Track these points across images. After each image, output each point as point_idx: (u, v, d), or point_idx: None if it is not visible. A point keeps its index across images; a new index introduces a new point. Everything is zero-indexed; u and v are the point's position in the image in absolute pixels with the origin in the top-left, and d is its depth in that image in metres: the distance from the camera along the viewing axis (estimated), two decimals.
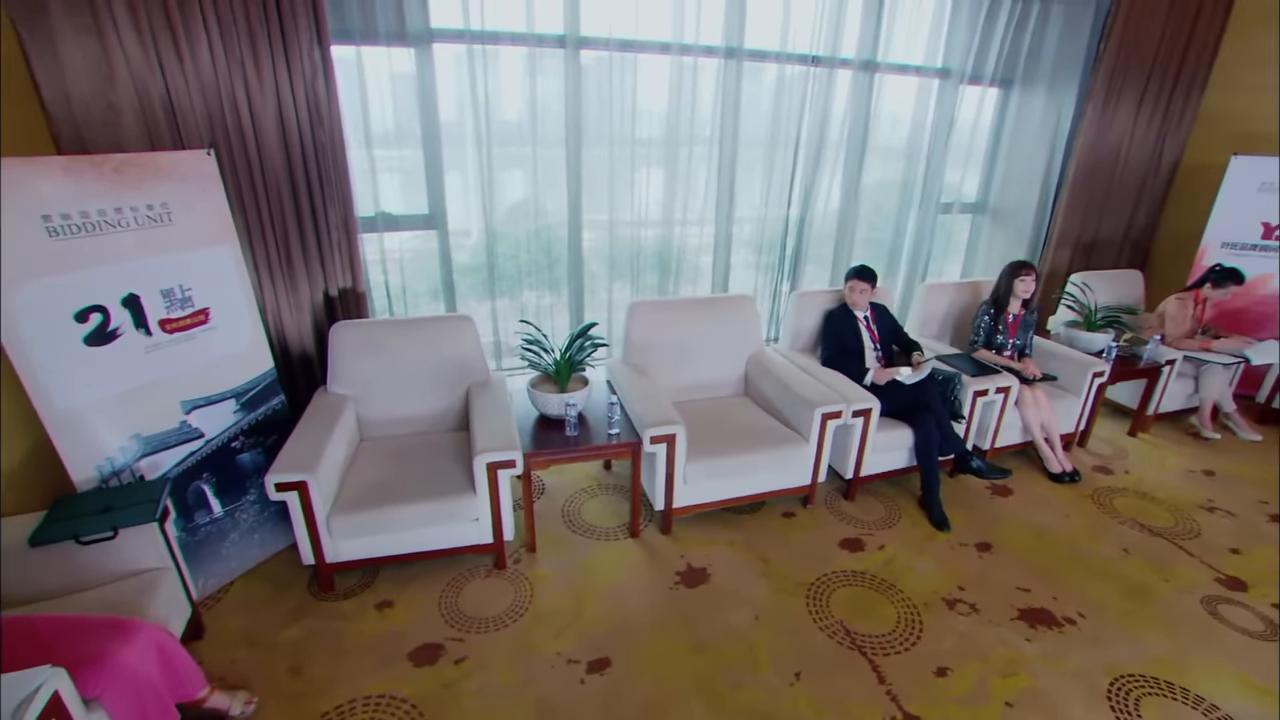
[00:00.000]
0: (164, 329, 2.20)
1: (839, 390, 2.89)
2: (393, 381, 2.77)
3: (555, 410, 2.70)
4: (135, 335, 2.13)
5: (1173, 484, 3.33)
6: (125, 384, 2.11)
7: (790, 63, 3.40)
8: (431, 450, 2.67)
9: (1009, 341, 3.40)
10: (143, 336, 2.15)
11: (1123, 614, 2.41)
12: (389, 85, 2.86)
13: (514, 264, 3.36)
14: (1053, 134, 4.24)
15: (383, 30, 2.72)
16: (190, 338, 2.28)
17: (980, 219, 4.58)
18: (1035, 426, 3.31)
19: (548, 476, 3.26)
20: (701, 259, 3.72)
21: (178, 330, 2.24)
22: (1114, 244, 4.68)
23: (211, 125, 2.43)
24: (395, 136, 2.96)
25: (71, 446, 2.00)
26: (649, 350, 3.11)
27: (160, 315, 2.18)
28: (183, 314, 2.25)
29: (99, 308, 2.03)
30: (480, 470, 2.36)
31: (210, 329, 2.34)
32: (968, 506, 3.06)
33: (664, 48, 3.14)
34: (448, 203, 3.16)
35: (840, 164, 3.78)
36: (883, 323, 3.25)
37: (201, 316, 2.31)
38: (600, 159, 3.26)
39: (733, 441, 2.76)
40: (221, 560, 2.43)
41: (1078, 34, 4.01)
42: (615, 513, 2.97)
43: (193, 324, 2.28)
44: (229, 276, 2.41)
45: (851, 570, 2.61)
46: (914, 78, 3.80)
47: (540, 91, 3.06)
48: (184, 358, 2.26)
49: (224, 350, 2.40)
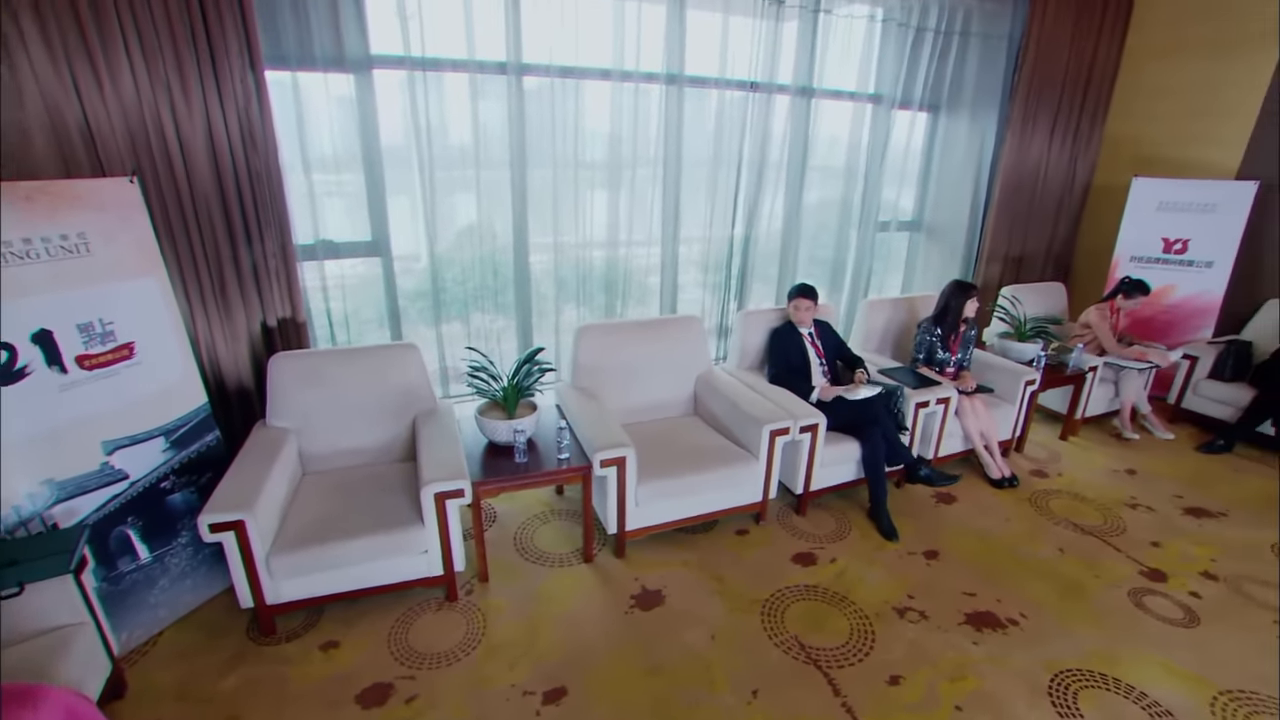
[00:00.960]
0: (82, 366, 2.07)
1: (786, 407, 2.95)
2: (336, 413, 2.69)
3: (504, 437, 2.67)
4: (47, 373, 2.00)
5: (1100, 484, 3.52)
6: (35, 426, 1.97)
7: (730, 88, 3.51)
8: (377, 482, 2.59)
9: (951, 358, 3.54)
10: (56, 374, 2.02)
11: (1060, 611, 2.52)
12: (329, 110, 2.83)
13: (462, 289, 3.33)
14: (979, 156, 4.49)
15: (320, 56, 2.69)
16: (112, 374, 2.16)
17: (917, 236, 4.79)
18: (975, 435, 3.46)
19: (499, 504, 3.20)
20: (650, 279, 3.77)
21: (98, 366, 2.12)
22: (1039, 258, 4.97)
23: (135, 151, 2.34)
24: (336, 162, 2.91)
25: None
26: (598, 373, 3.12)
27: (77, 351, 2.06)
28: (103, 349, 2.13)
29: (4, 345, 1.90)
30: (428, 501, 2.30)
31: (135, 364, 2.22)
32: (915, 516, 3.15)
33: (605, 74, 3.20)
34: (392, 229, 3.12)
35: (782, 184, 3.90)
36: (827, 339, 3.35)
37: (125, 351, 2.19)
38: (546, 182, 3.28)
39: (683, 461, 2.78)
40: (149, 609, 2.29)
41: (995, 65, 4.28)
42: (568, 538, 2.94)
43: (115, 359, 2.16)
44: (156, 308, 2.30)
45: (805, 584, 2.65)
46: (848, 102, 3.98)
47: (484, 116, 3.08)
48: (105, 395, 2.14)
49: (151, 386, 2.28)
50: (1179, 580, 2.73)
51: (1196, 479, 3.59)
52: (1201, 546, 2.97)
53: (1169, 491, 3.45)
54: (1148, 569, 2.80)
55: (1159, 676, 2.21)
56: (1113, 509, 3.26)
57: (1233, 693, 2.15)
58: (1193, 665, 2.27)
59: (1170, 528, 3.12)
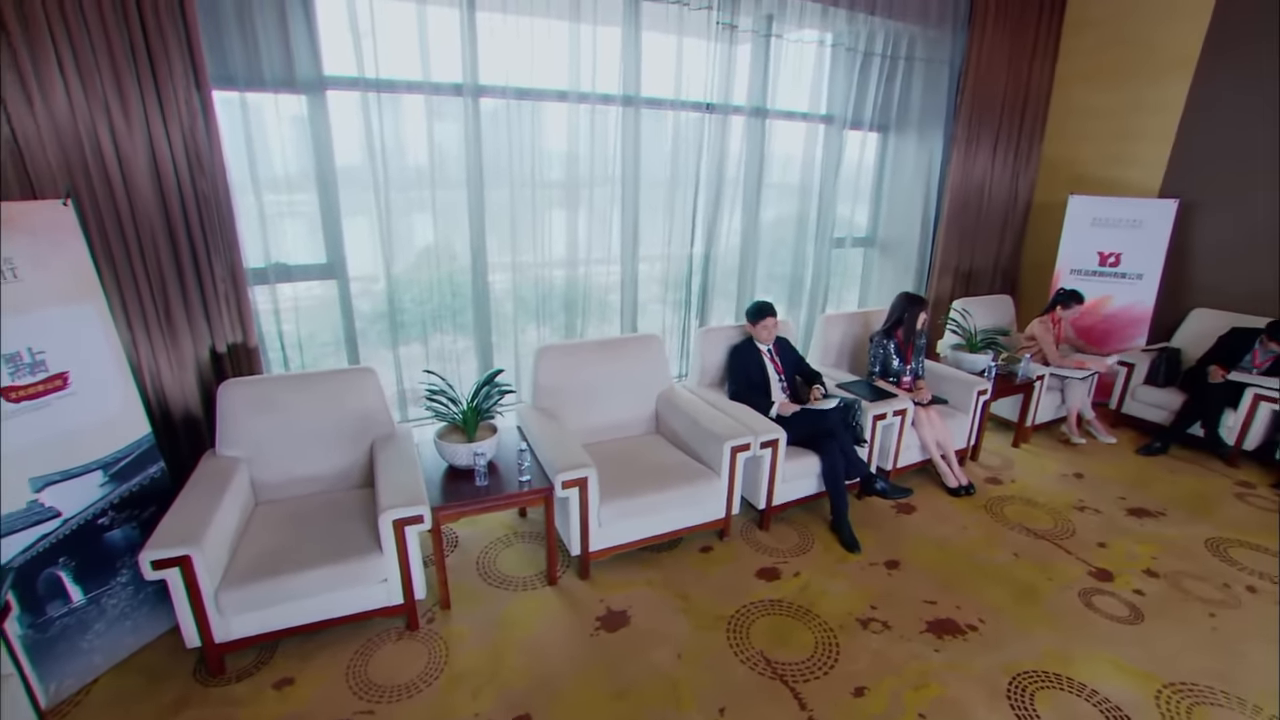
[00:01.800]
0: (9, 398, 1.96)
1: (747, 423, 2.98)
2: (290, 440, 2.61)
3: (464, 460, 2.62)
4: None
5: (1051, 488, 3.65)
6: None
7: (686, 109, 3.58)
8: (334, 510, 2.51)
9: (905, 367, 3.64)
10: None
11: (1016, 615, 2.59)
12: (281, 131, 2.78)
13: (420, 310, 3.29)
14: (927, 174, 4.67)
15: (270, 77, 2.64)
16: (43, 406, 2.05)
17: (871, 252, 4.94)
18: (931, 445, 3.55)
19: (460, 529, 3.14)
20: (610, 298, 3.79)
21: (27, 398, 2.01)
22: (987, 272, 5.18)
23: (70, 172, 2.25)
24: (289, 184, 2.86)
25: None
26: (558, 394, 3.10)
27: (3, 383, 1.95)
28: (33, 380, 2.02)
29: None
30: (386, 528, 2.24)
31: (70, 395, 2.12)
32: (876, 526, 3.21)
33: (561, 95, 3.23)
34: (349, 250, 3.06)
35: (739, 202, 3.98)
36: (786, 355, 3.41)
37: (58, 382, 2.09)
38: (504, 202, 3.27)
39: (646, 480, 2.78)
40: (82, 655, 2.15)
41: (939, 88, 4.48)
42: (532, 561, 2.89)
43: (47, 390, 2.06)
44: (93, 336, 2.20)
45: (769, 599, 2.66)
46: (801, 123, 4.10)
47: (441, 137, 3.07)
48: (35, 428, 2.03)
49: (87, 417, 2.18)
50: (1124, 579, 2.84)
51: (1137, 480, 3.75)
52: (1144, 545, 3.10)
53: (1113, 493, 3.60)
54: (1096, 569, 2.90)
55: (1108, 673, 2.29)
56: (1063, 512, 3.38)
57: (1175, 685, 2.25)
58: (1139, 661, 2.36)
59: (1115, 528, 3.25)
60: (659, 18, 3.34)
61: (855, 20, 3.96)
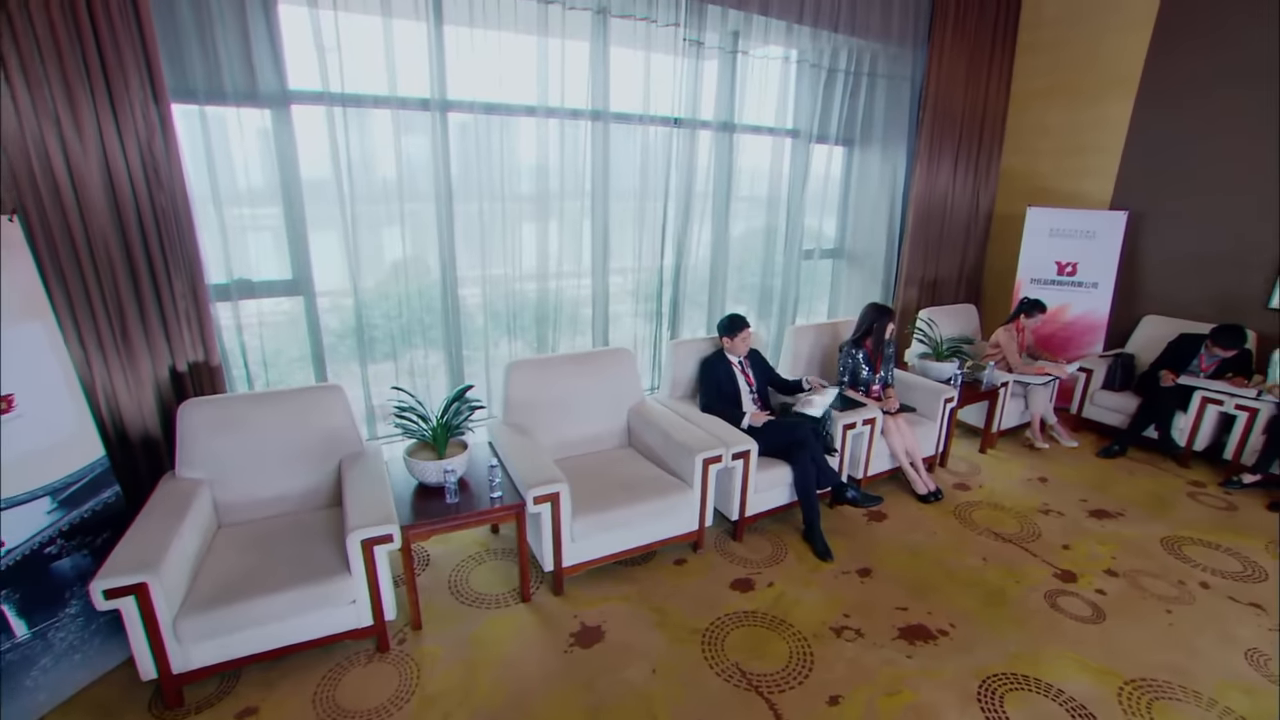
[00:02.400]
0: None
1: (718, 435, 2.99)
2: (254, 460, 2.54)
3: (434, 478, 2.59)
4: None
5: (1017, 493, 3.73)
6: None
7: (654, 124, 3.61)
8: (301, 531, 2.45)
9: (875, 376, 3.71)
10: None
11: (985, 619, 2.64)
12: (244, 146, 2.72)
13: (390, 325, 3.24)
14: (892, 187, 4.79)
15: (231, 91, 2.60)
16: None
17: (840, 263, 5.03)
18: (900, 453, 3.61)
19: (431, 547, 3.09)
20: (582, 311, 3.78)
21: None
22: (952, 282, 5.31)
23: (18, 186, 2.18)
24: (252, 199, 2.80)
25: None
26: (530, 409, 3.08)
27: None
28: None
29: None
30: (354, 548, 2.19)
31: (16, 418, 2.03)
32: (849, 535, 3.24)
33: (530, 110, 3.24)
34: (316, 265, 3.01)
35: (708, 214, 4.03)
36: (757, 367, 3.44)
37: (2, 405, 2.00)
38: (474, 215, 3.25)
39: (619, 494, 2.77)
40: (25, 694, 2.04)
41: (901, 103, 4.61)
42: (505, 578, 2.85)
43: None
44: (42, 356, 2.13)
45: (744, 610, 2.67)
46: (768, 137, 4.17)
47: (409, 151, 3.04)
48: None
49: (36, 441, 2.09)
50: (1087, 579, 2.91)
51: (1098, 482, 3.87)
52: (1104, 545, 3.19)
53: (1076, 496, 3.70)
54: (1060, 570, 2.97)
55: (1073, 672, 2.35)
56: (1028, 516, 3.47)
57: (1135, 681, 2.31)
58: (1101, 659, 2.42)
59: (1078, 530, 3.34)
60: (626, 33, 3.38)
61: (819, 37, 4.06)
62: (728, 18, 3.65)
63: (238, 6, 2.54)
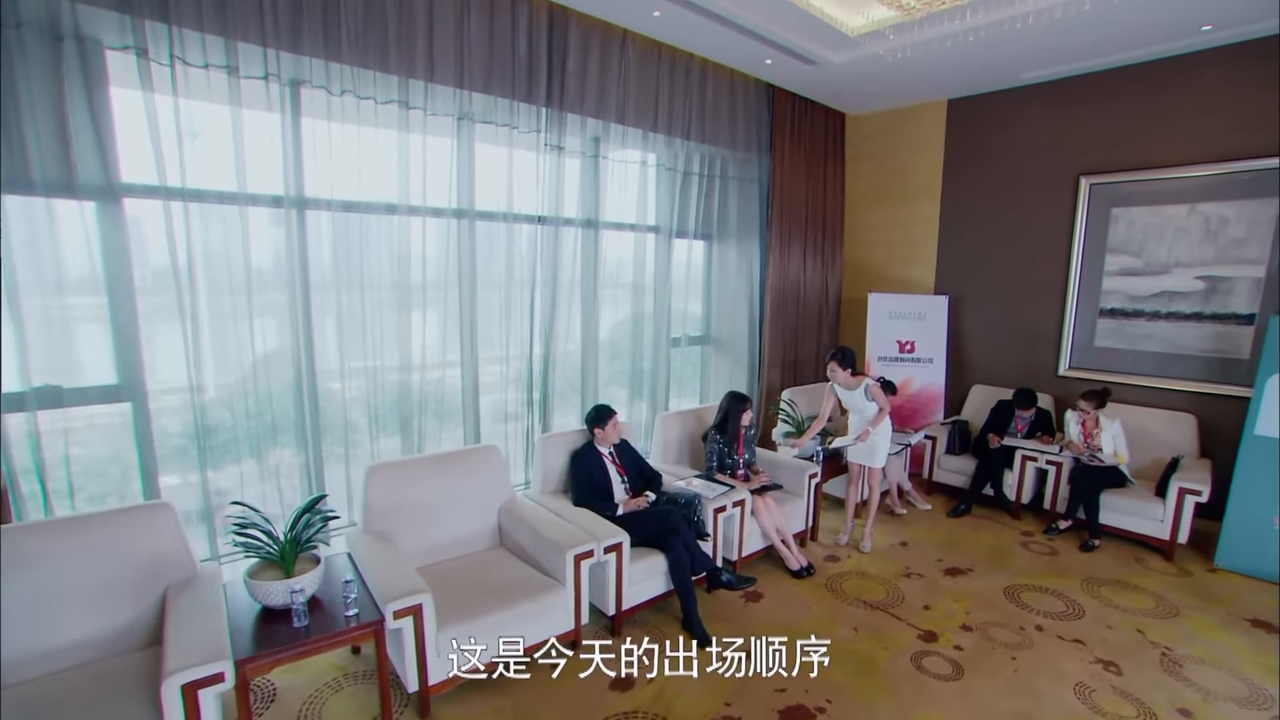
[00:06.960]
0: None
1: (589, 529, 2.96)
2: (41, 605, 2.14)
3: (279, 600, 2.32)
4: None
5: (882, 559, 3.96)
6: None
7: (519, 222, 3.72)
8: (101, 685, 2.07)
9: (739, 460, 3.87)
10: None
11: (859, 690, 2.71)
12: (56, 239, 2.46)
13: (246, 425, 2.96)
14: (750, 276, 5.21)
15: (41, 181, 2.37)
16: None
17: (707, 349, 5.31)
18: (771, 531, 3.73)
19: (278, 678, 2.72)
20: (451, 402, 3.68)
21: None
22: (810, 362, 5.77)
23: None
24: (61, 292, 2.51)
25: None
26: (392, 514, 2.89)
27: None
28: None
29: None
30: (172, 696, 1.89)
31: None
32: (727, 619, 3.24)
33: (391, 209, 3.23)
34: (147, 367, 2.73)
35: (576, 306, 4.12)
36: (626, 456, 3.49)
37: None
38: (332, 306, 3.14)
39: (489, 599, 2.63)
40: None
41: (752, 202, 5.11)
42: (365, 705, 2.56)
43: None
44: None
45: (625, 711, 2.55)
46: (630, 233, 4.43)
47: (263, 244, 2.91)
48: None
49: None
50: (946, 637, 3.10)
51: (949, 541, 4.21)
52: (959, 601, 3.43)
53: (932, 556, 3.99)
54: (923, 631, 3.15)
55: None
56: (893, 581, 3.67)
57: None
58: (961, 715, 2.56)
59: (935, 589, 3.57)
60: (489, 133, 3.51)
61: (673, 144, 4.46)
62: (587, 125, 3.93)
63: (52, 88, 2.35)
